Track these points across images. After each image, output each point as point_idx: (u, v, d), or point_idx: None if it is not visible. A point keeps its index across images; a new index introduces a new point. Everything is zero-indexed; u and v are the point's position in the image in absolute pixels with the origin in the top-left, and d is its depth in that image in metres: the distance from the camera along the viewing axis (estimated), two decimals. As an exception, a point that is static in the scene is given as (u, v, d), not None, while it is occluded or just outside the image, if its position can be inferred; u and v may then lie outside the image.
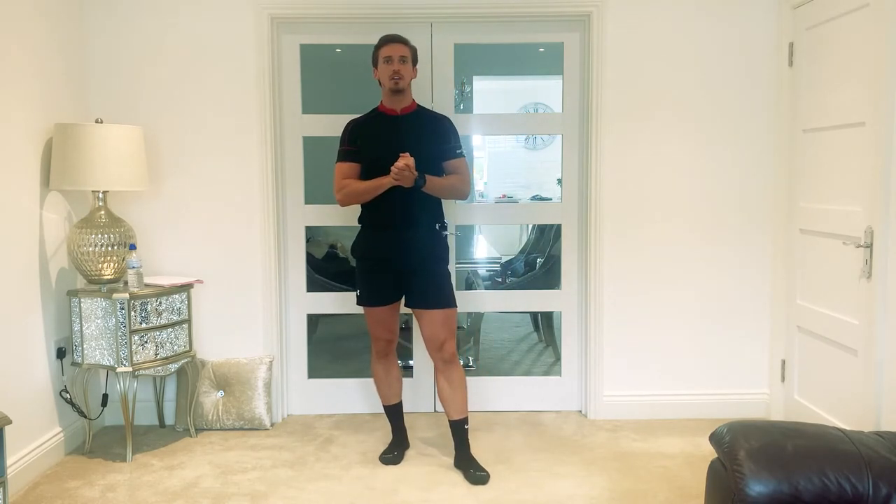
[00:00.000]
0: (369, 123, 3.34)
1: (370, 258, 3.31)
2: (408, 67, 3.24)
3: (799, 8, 3.59)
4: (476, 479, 3.19)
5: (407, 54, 3.24)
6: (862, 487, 1.96)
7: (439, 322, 3.24)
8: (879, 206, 2.90)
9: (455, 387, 3.27)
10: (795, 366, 3.67)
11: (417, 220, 3.25)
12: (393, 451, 3.44)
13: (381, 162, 3.19)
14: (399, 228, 3.24)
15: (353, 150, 3.29)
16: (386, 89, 3.26)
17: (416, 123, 3.30)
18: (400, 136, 3.25)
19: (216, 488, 3.14)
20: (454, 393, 3.27)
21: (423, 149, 3.21)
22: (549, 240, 5.25)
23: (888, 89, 2.84)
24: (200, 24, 3.78)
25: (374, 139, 3.28)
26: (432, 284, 3.27)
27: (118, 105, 3.80)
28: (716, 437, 2.20)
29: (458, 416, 3.30)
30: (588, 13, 3.79)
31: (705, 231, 3.90)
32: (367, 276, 3.34)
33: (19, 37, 3.20)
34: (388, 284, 3.31)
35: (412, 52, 3.28)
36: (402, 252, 3.25)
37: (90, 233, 3.41)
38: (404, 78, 3.22)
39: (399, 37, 3.27)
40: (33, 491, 3.13)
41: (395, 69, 3.19)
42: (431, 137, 3.29)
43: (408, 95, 3.30)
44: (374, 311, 3.37)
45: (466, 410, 3.32)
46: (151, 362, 3.47)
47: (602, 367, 3.95)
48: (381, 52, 3.24)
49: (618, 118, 3.83)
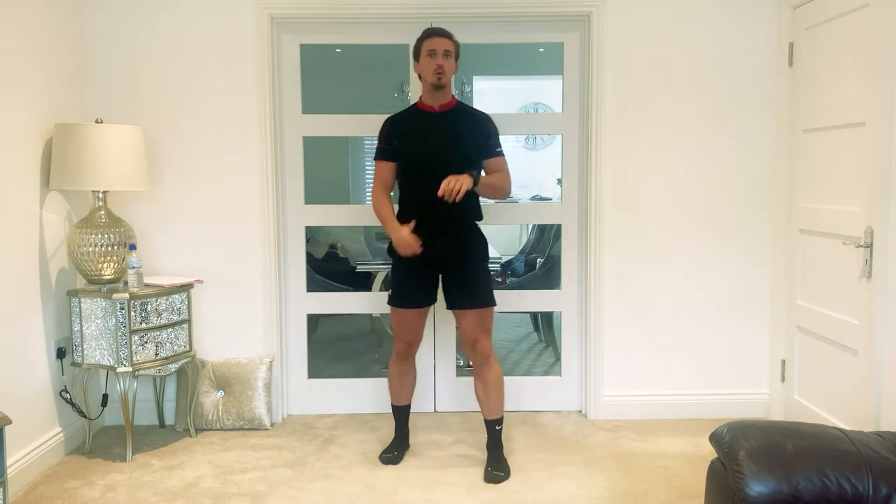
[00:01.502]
0: (407, 120, 3.27)
1: (409, 258, 3.19)
2: (451, 62, 3.16)
3: (799, 8, 3.59)
4: (490, 476, 3.19)
5: (451, 49, 3.15)
6: (862, 487, 1.96)
7: (471, 321, 3.20)
8: (879, 206, 2.90)
9: (489, 388, 3.24)
10: (795, 366, 3.67)
11: (456, 220, 3.19)
12: (393, 451, 3.44)
13: (418, 161, 3.14)
14: (438, 228, 3.17)
15: (389, 149, 3.23)
16: (427, 84, 3.17)
17: (455, 121, 3.21)
18: (438, 133, 3.17)
19: (216, 488, 3.14)
20: (487, 394, 3.25)
21: (462, 147, 3.15)
22: (549, 240, 5.25)
23: (888, 89, 2.84)
24: (200, 24, 3.78)
25: (412, 137, 3.21)
26: (468, 284, 3.21)
27: (118, 105, 3.80)
28: (716, 437, 2.20)
29: (490, 417, 3.28)
30: (588, 13, 3.80)
31: (705, 231, 3.90)
32: (403, 275, 3.26)
33: (19, 37, 3.20)
34: (422, 287, 3.26)
35: (455, 47, 3.20)
36: (441, 253, 3.18)
37: (90, 233, 3.41)
38: (447, 73, 3.13)
39: (444, 30, 3.17)
40: (33, 491, 3.13)
41: (438, 63, 3.10)
42: (471, 135, 3.20)
43: (447, 92, 3.22)
44: (403, 313, 3.30)
45: (500, 411, 3.28)
46: (151, 362, 3.47)
47: (602, 367, 3.95)
48: (424, 45, 3.15)
49: (618, 118, 3.83)
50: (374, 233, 6.58)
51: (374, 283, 4.91)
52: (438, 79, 3.12)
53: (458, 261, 3.21)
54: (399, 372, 3.42)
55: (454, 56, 3.19)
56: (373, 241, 6.55)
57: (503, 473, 3.20)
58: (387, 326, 5.28)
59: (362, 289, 4.90)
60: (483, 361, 3.23)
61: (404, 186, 3.29)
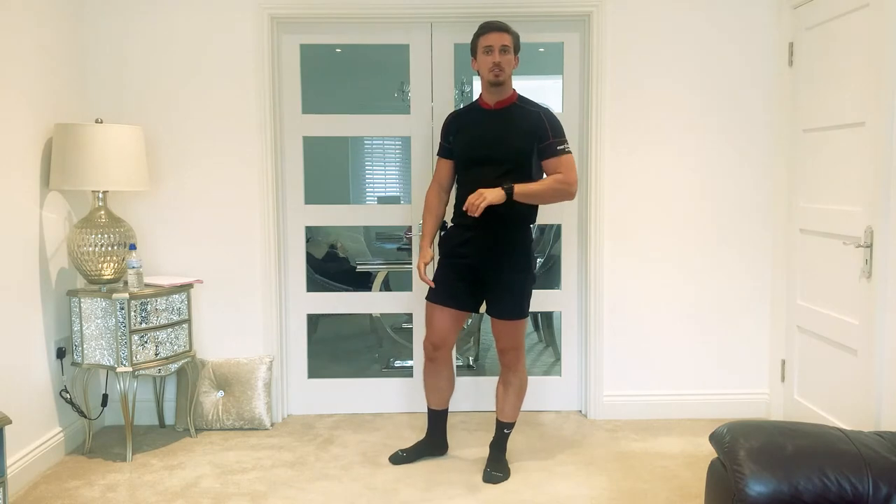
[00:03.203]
0: (465, 117, 3.19)
1: (452, 256, 3.15)
2: (509, 58, 3.03)
3: (799, 8, 3.59)
4: (488, 476, 3.18)
5: (509, 43, 3.02)
6: (862, 487, 1.96)
7: (500, 330, 3.16)
8: (879, 206, 2.90)
9: (509, 393, 3.24)
10: (795, 366, 3.67)
11: (501, 225, 3.08)
12: (404, 452, 3.40)
13: (464, 160, 3.08)
14: (483, 230, 3.09)
15: (448, 147, 3.16)
16: (485, 81, 3.07)
17: (509, 119, 3.07)
18: (489, 131, 3.06)
19: (216, 488, 3.14)
20: (506, 398, 3.25)
21: (509, 147, 3.03)
22: (549, 240, 5.26)
23: (888, 89, 2.84)
24: (200, 23, 3.78)
25: (466, 135, 3.13)
26: (499, 293, 3.13)
27: (118, 105, 3.80)
28: (716, 437, 2.20)
29: (503, 419, 3.29)
30: (588, 13, 3.80)
31: (705, 231, 3.90)
32: (441, 271, 3.21)
33: (19, 37, 3.20)
34: (458, 288, 3.17)
35: (514, 40, 3.06)
36: (476, 254, 3.12)
37: (90, 233, 3.41)
38: (505, 70, 3.01)
39: (501, 24, 3.04)
40: (33, 491, 3.13)
41: (495, 60, 2.99)
42: (521, 135, 3.05)
43: (507, 87, 3.09)
44: (436, 310, 3.19)
45: (514, 416, 3.28)
46: (151, 362, 3.47)
47: (602, 366, 3.95)
48: (480, 41, 3.04)
49: (618, 118, 3.83)
50: (374, 233, 6.58)
51: (375, 283, 4.92)
52: (496, 76, 3.01)
53: (491, 266, 3.11)
54: (427, 373, 3.32)
55: (513, 50, 3.05)
56: (373, 241, 6.55)
57: (501, 474, 3.20)
58: (387, 326, 5.29)
59: (362, 289, 4.90)
60: (509, 369, 3.23)
61: (458, 184, 3.23)
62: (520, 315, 3.15)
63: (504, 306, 3.13)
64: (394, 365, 4.89)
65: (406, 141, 4.92)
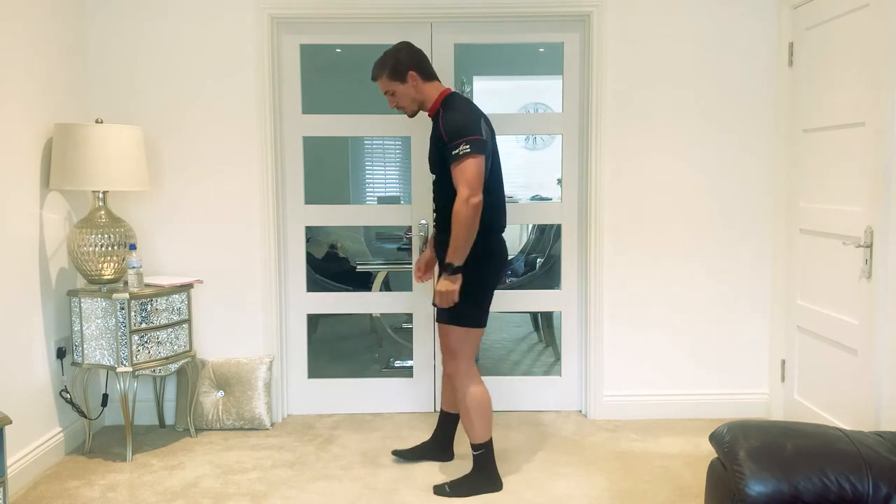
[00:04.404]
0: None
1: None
2: (399, 95, 3.00)
3: (799, 8, 3.59)
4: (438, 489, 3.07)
5: (388, 87, 3.00)
6: (862, 487, 1.96)
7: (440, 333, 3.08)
8: (879, 206, 2.90)
9: (460, 410, 3.06)
10: (795, 366, 3.67)
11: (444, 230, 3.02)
12: (408, 452, 3.39)
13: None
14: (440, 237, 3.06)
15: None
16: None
17: (433, 129, 2.99)
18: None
19: (216, 488, 3.14)
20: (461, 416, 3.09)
21: (432, 159, 3.01)
22: (549, 240, 5.26)
23: (888, 89, 2.85)
24: (200, 23, 3.78)
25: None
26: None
27: (118, 105, 3.80)
28: (716, 437, 2.20)
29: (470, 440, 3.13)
30: (588, 13, 3.80)
31: (705, 231, 3.90)
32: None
33: (19, 36, 3.20)
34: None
35: (391, 74, 2.97)
36: (440, 258, 3.04)
37: (90, 233, 3.41)
38: (404, 106, 3.04)
39: (373, 71, 3.04)
40: (33, 491, 3.13)
41: (391, 105, 3.08)
42: (434, 144, 2.98)
43: (426, 103, 3.03)
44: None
45: (474, 437, 3.06)
46: (151, 362, 3.47)
47: (602, 366, 3.95)
48: None
49: (618, 118, 3.83)
50: (374, 233, 6.59)
51: (375, 283, 4.92)
52: (405, 112, 3.08)
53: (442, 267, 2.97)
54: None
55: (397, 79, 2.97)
56: (373, 241, 6.56)
57: (450, 490, 3.02)
58: (387, 326, 5.29)
59: (362, 289, 4.91)
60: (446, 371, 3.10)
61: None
62: (452, 320, 2.96)
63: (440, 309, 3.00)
64: (394, 365, 4.89)
65: (406, 141, 4.93)
